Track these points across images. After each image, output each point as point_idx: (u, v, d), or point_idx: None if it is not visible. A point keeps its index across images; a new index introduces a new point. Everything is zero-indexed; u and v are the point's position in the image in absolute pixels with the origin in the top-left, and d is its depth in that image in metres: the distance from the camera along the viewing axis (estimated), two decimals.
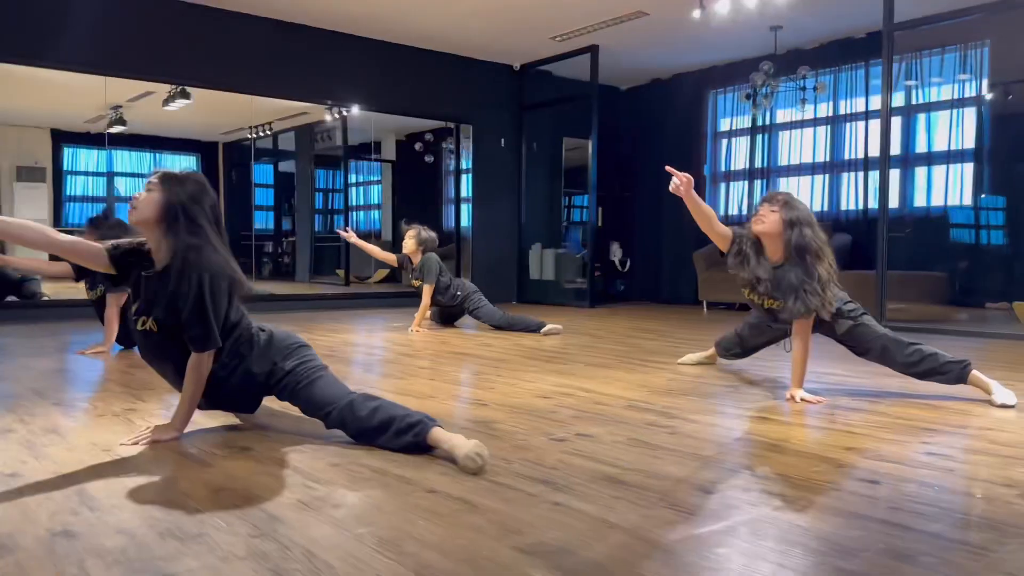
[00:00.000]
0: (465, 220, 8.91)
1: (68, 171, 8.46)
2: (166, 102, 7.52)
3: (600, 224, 9.24)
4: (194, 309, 2.13)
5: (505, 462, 2.06)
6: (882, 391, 3.16)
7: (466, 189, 8.87)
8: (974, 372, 2.96)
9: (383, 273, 9.71)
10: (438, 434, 2.09)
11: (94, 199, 8.71)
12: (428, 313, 5.47)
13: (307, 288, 9.67)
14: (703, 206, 2.99)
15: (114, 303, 4.08)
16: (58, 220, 8.28)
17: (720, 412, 2.74)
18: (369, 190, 10.56)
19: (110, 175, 8.86)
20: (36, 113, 8.00)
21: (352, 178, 10.40)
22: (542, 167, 8.97)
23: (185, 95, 7.43)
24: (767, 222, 2.93)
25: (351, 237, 5.57)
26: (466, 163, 9.01)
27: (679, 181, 2.88)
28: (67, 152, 8.40)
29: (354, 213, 10.51)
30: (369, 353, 4.52)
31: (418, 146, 9.84)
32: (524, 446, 2.24)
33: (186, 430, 2.30)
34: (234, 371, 2.28)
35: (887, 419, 2.64)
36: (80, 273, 4.05)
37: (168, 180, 2.18)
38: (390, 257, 5.79)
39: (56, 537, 1.50)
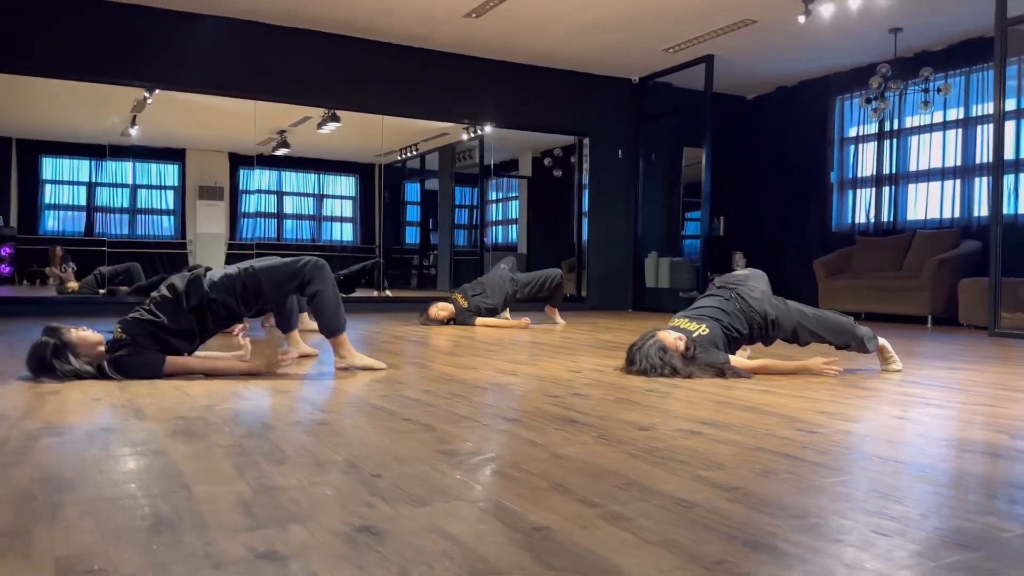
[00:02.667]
0: (587, 232, 9.19)
1: (243, 190, 9.56)
2: (319, 125, 8.36)
3: (722, 234, 9.23)
4: None
5: (490, 407, 2.36)
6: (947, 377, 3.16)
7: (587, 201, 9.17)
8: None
9: None
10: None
11: (266, 215, 9.78)
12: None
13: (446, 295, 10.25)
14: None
15: None
16: (233, 234, 9.38)
17: (729, 386, 2.88)
18: (508, 205, 11.07)
19: (280, 194, 9.93)
20: (216, 138, 9.13)
21: (492, 195, 10.96)
22: (660, 177, 9.10)
23: (335, 119, 8.24)
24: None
25: None
26: (587, 177, 9.31)
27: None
28: (242, 173, 9.50)
29: (493, 228, 11.06)
30: (463, 339, 4.91)
31: (547, 161, 10.23)
32: (517, 398, 2.52)
33: (245, 378, 2.77)
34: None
35: (888, 393, 2.70)
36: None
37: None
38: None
39: (97, 430, 1.96)
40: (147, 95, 7.31)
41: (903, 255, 7.34)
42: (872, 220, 8.00)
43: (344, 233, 10.47)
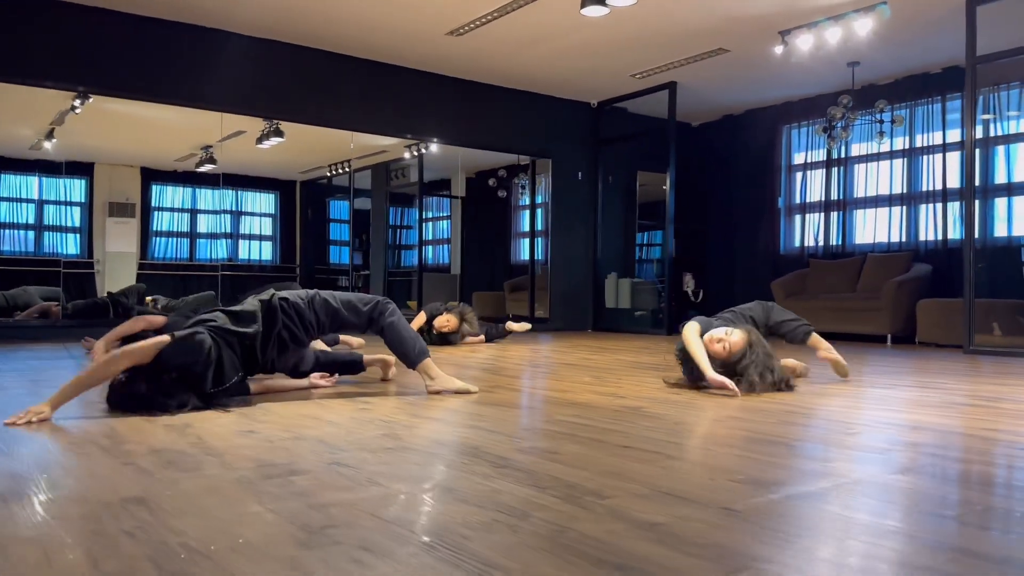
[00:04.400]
0: (538, 252, 9.21)
1: (155, 207, 8.98)
2: (259, 140, 7.95)
3: (673, 255, 9.46)
4: None
5: (686, 431, 2.28)
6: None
7: (539, 222, 9.20)
8: None
9: (452, 305, 10.02)
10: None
11: (179, 234, 9.22)
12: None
13: None
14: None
15: None
16: (145, 253, 8.79)
17: (838, 394, 2.92)
18: (438, 225, 10.94)
19: (193, 212, 9.38)
20: (128, 152, 8.55)
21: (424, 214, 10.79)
22: (617, 200, 9.25)
23: (279, 133, 7.85)
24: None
25: None
26: (540, 197, 9.34)
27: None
28: (155, 189, 8.93)
29: (426, 248, 10.88)
30: (494, 361, 4.76)
31: (492, 181, 10.19)
32: (703, 421, 2.46)
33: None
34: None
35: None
36: None
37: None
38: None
39: (329, 467, 1.76)
40: (77, 104, 6.75)
41: (856, 277, 7.72)
42: (821, 244, 8.39)
43: (263, 252, 10.04)
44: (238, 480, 1.61)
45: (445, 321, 5.82)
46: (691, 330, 3.25)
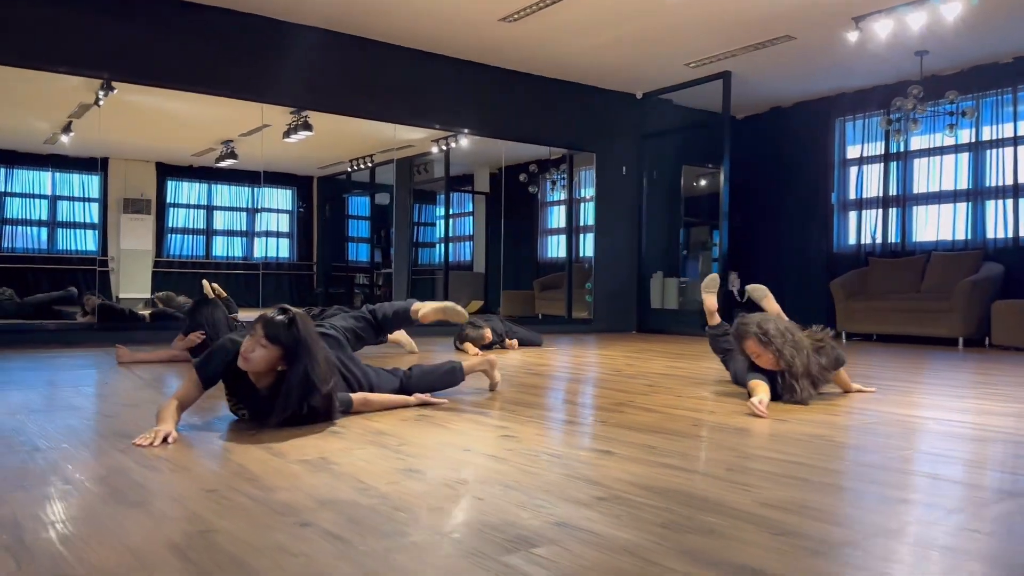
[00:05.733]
0: (592, 251, 8.83)
1: (171, 203, 8.63)
2: (287, 134, 7.57)
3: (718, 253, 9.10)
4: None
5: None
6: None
7: (576, 218, 8.85)
8: None
9: (477, 304, 9.67)
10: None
11: (194, 231, 8.85)
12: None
13: None
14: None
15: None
16: (160, 250, 8.42)
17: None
18: (460, 222, 10.58)
19: (210, 208, 9.01)
20: (142, 147, 8.19)
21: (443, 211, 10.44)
22: (661, 195, 8.88)
23: (307, 127, 7.47)
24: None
25: None
26: (577, 192, 8.97)
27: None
28: (170, 185, 8.57)
29: (450, 244, 10.53)
30: (574, 370, 4.41)
31: (523, 177, 9.82)
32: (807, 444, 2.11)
33: None
34: None
35: None
36: None
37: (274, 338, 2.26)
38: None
39: (563, 528, 1.40)
40: (101, 95, 6.37)
41: (920, 276, 7.37)
42: (879, 241, 8.02)
43: (280, 249, 9.68)
44: (466, 553, 1.25)
45: (485, 339, 5.61)
46: (758, 388, 2.95)
